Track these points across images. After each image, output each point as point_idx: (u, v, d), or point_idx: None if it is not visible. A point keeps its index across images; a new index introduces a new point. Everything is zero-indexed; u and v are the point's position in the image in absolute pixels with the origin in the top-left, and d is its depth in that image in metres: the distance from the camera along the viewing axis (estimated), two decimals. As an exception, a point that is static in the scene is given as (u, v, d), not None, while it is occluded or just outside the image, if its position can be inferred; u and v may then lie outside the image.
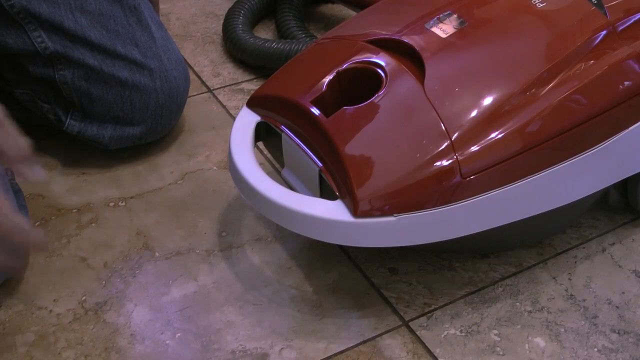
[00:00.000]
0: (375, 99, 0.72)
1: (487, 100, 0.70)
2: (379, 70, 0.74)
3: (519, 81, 0.71)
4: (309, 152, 0.73)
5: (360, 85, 0.74)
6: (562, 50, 0.73)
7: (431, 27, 0.75)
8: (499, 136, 0.69)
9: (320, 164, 0.72)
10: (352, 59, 0.76)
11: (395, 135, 0.70)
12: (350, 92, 0.74)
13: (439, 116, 0.69)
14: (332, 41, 0.81)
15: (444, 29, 0.75)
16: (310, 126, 0.73)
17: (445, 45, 0.74)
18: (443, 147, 0.68)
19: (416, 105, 0.71)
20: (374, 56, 0.75)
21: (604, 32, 0.74)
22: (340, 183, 0.70)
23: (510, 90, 0.71)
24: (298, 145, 0.74)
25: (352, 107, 0.72)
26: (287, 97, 0.76)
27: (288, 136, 0.75)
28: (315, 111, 0.72)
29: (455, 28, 0.75)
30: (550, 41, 0.75)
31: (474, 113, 0.70)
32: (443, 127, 0.69)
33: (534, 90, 0.71)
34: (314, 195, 0.73)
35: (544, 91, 0.71)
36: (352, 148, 0.70)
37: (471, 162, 0.68)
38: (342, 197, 0.70)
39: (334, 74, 0.75)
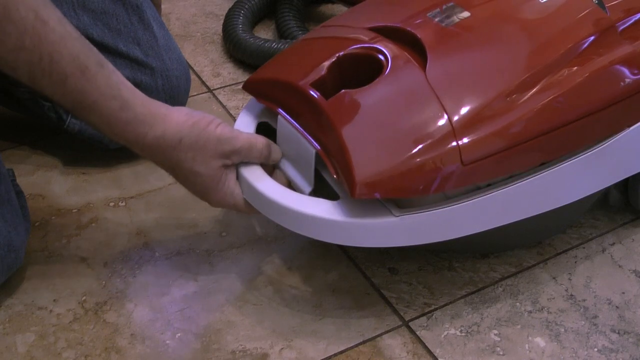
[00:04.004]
0: (376, 82, 0.71)
1: (489, 89, 0.70)
2: (380, 56, 0.73)
3: (521, 72, 0.71)
4: (306, 134, 0.73)
5: (361, 72, 0.73)
6: (564, 43, 0.73)
7: (434, 17, 0.75)
8: (501, 125, 0.69)
9: (317, 147, 0.71)
10: (354, 44, 0.75)
11: (396, 119, 0.70)
12: (351, 79, 0.73)
13: (440, 102, 0.69)
14: (333, 28, 0.81)
15: (446, 19, 0.75)
16: (308, 109, 0.72)
17: (448, 34, 0.74)
18: (444, 132, 0.68)
19: (418, 90, 0.70)
20: (376, 42, 0.74)
21: (605, 30, 0.74)
22: (338, 165, 0.69)
23: (512, 80, 0.70)
24: (295, 127, 0.73)
25: (352, 90, 0.71)
26: (285, 80, 0.75)
27: (285, 119, 0.75)
28: (315, 94, 0.72)
29: (458, 18, 0.75)
30: (552, 34, 0.74)
31: (475, 101, 0.69)
32: (445, 113, 0.68)
33: (535, 81, 0.71)
34: (308, 180, 0.73)
35: (546, 82, 0.71)
36: (351, 129, 0.69)
37: (472, 149, 0.68)
38: (339, 179, 0.69)
39: (334, 58, 0.74)
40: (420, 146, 0.68)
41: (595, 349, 0.74)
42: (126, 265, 0.82)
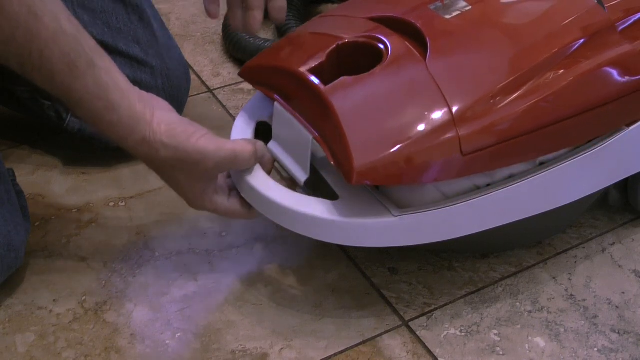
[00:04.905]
0: (376, 70, 0.70)
1: (490, 81, 0.69)
2: (380, 45, 0.72)
3: (522, 65, 0.70)
4: (303, 120, 0.72)
5: (360, 61, 0.72)
6: (564, 37, 0.73)
7: (435, 9, 0.75)
8: (501, 116, 0.68)
9: (315, 133, 0.70)
10: (353, 33, 0.74)
11: (396, 106, 0.69)
12: (350, 68, 0.72)
13: (441, 92, 0.68)
14: (332, 18, 0.80)
15: (447, 11, 0.74)
16: (306, 95, 0.71)
17: (449, 25, 0.73)
18: (445, 121, 0.67)
19: (418, 79, 0.69)
20: (376, 32, 0.74)
21: (605, 28, 0.74)
22: (336, 151, 0.68)
23: (513, 73, 0.70)
24: (292, 114, 0.73)
25: (351, 76, 0.70)
26: (283, 66, 0.74)
27: (281, 105, 0.74)
28: (314, 79, 0.71)
29: (459, 11, 0.74)
30: (553, 29, 0.74)
31: (476, 92, 0.69)
32: (445, 103, 0.68)
33: (536, 74, 0.70)
34: (303, 168, 0.72)
35: (548, 76, 0.70)
36: (350, 115, 0.68)
37: (472, 140, 0.67)
38: (337, 166, 0.68)
39: (333, 46, 0.73)
40: (420, 134, 0.67)
41: (595, 349, 0.74)
42: (126, 265, 0.82)
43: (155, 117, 0.69)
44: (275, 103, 0.75)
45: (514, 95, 0.69)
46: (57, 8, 0.65)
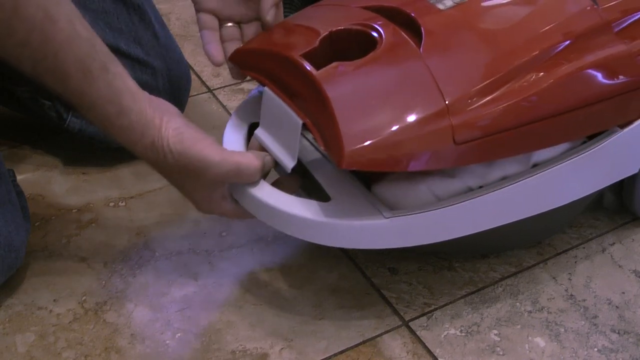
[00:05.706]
0: (370, 56, 0.69)
1: (484, 73, 0.69)
2: (374, 34, 0.71)
3: (516, 58, 0.70)
4: (293, 105, 0.71)
5: (354, 51, 0.71)
6: (559, 33, 0.72)
7: (431, 0, 0.75)
8: (495, 108, 0.68)
9: (305, 118, 0.69)
10: (347, 21, 0.74)
11: (389, 93, 0.68)
12: (343, 56, 0.71)
13: (434, 80, 0.68)
14: (326, 6, 0.80)
15: (443, 3, 0.74)
16: (298, 79, 0.70)
17: (444, 16, 0.73)
18: (438, 109, 0.66)
19: (412, 67, 0.69)
20: (370, 20, 0.73)
21: (600, 24, 0.74)
22: (326, 135, 0.67)
23: (507, 66, 0.69)
24: (282, 98, 0.71)
25: (344, 62, 0.69)
26: (275, 50, 0.74)
27: (271, 90, 0.73)
28: (305, 64, 0.70)
29: (454, 2, 0.74)
30: (547, 23, 0.73)
31: (470, 83, 0.68)
32: (439, 92, 0.67)
33: (532, 66, 0.70)
34: (291, 155, 0.71)
35: (543, 69, 0.70)
36: (342, 100, 0.67)
37: (465, 130, 0.67)
38: (327, 150, 0.67)
39: (327, 32, 0.73)
40: (412, 121, 0.66)
41: (595, 349, 0.74)
42: (126, 265, 0.82)
43: (164, 122, 0.69)
44: (265, 88, 0.73)
45: (508, 87, 0.69)
46: (71, 11, 0.65)
